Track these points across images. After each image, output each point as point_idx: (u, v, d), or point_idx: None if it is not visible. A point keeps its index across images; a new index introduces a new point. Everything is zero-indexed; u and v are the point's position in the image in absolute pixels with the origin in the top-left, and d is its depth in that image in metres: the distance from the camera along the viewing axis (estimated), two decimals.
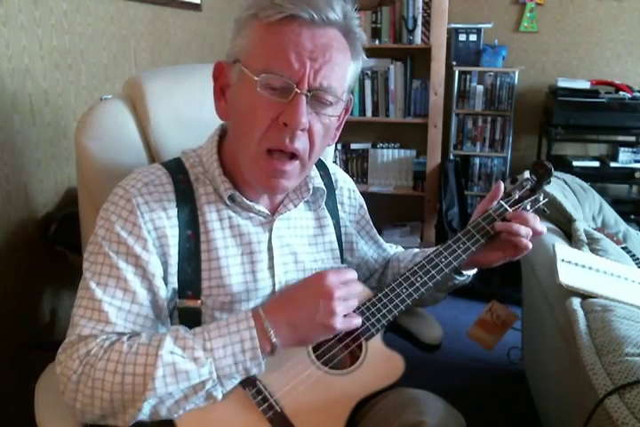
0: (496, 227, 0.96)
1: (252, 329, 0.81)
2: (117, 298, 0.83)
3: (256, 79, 0.80)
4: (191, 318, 0.89)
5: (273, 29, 0.80)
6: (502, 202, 0.99)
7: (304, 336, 0.84)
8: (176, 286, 0.88)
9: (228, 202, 0.91)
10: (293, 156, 0.84)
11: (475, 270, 1.06)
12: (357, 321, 0.85)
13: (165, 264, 0.87)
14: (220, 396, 0.82)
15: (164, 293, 0.86)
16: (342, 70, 0.84)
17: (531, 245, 0.94)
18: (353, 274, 0.87)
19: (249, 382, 0.84)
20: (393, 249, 1.21)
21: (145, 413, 0.79)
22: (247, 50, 0.83)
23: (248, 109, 0.83)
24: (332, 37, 0.81)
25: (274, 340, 0.81)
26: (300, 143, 0.83)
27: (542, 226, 0.95)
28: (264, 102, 0.81)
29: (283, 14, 0.78)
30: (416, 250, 1.16)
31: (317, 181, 1.00)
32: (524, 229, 0.93)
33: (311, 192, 0.98)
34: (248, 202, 0.92)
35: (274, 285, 0.95)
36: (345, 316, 0.84)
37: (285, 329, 0.82)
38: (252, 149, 0.84)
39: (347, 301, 0.84)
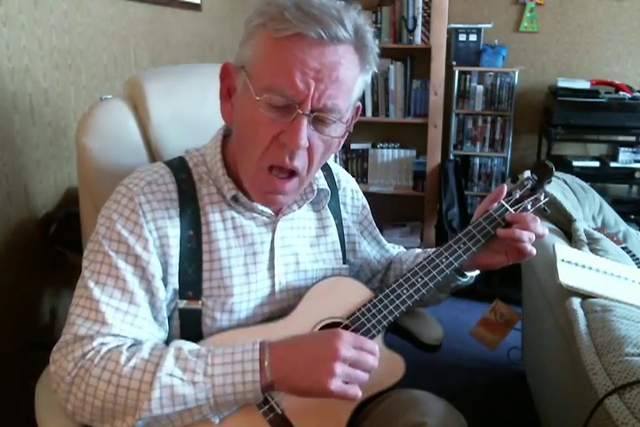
0: (498, 234, 0.95)
1: (256, 362, 0.79)
2: (115, 298, 0.83)
3: (258, 99, 0.79)
4: (191, 319, 0.89)
5: (280, 45, 0.77)
6: (503, 202, 0.98)
7: (298, 383, 0.79)
8: (177, 286, 0.88)
9: (231, 202, 0.90)
10: (292, 173, 0.84)
11: (477, 272, 1.05)
12: (355, 393, 0.78)
13: (166, 264, 0.86)
14: (216, 421, 0.80)
15: (162, 294, 0.86)
16: (349, 87, 0.82)
17: (535, 251, 0.93)
18: (373, 345, 0.82)
19: None
20: (395, 250, 1.20)
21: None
22: (253, 61, 0.81)
23: (250, 125, 0.82)
24: (341, 55, 0.79)
25: (268, 376, 0.78)
26: (300, 161, 0.83)
27: (544, 228, 0.95)
28: (266, 120, 0.80)
29: (291, 31, 0.76)
30: (418, 250, 1.16)
31: (322, 182, 1.00)
32: (526, 235, 0.92)
33: (315, 193, 0.98)
34: (251, 202, 0.91)
35: (273, 285, 0.94)
36: (347, 383, 0.78)
37: (282, 368, 0.79)
38: (252, 164, 0.84)
39: (354, 369, 0.79)
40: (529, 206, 0.99)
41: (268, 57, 0.79)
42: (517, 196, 0.99)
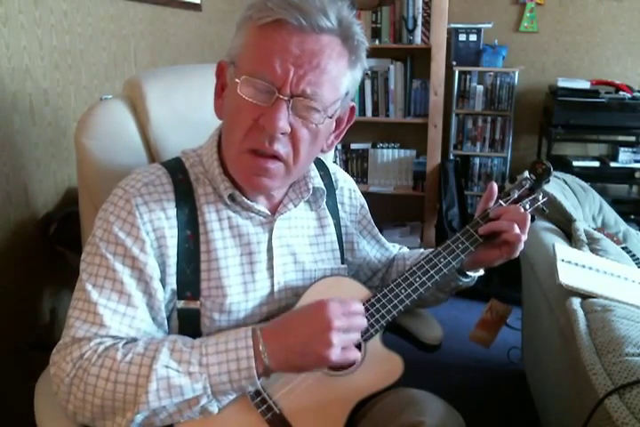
0: (480, 232, 0.95)
1: (250, 348, 0.80)
2: (113, 301, 0.83)
3: (237, 81, 0.80)
4: (190, 320, 0.89)
5: (263, 33, 0.80)
6: (501, 201, 0.98)
7: (297, 363, 0.81)
8: (175, 286, 0.88)
9: (227, 201, 0.90)
10: (275, 157, 0.84)
11: (481, 272, 1.05)
12: (355, 355, 0.82)
13: (163, 265, 0.86)
14: (215, 410, 0.81)
15: (160, 295, 0.86)
16: (333, 78, 0.82)
17: (522, 237, 0.92)
18: (358, 306, 0.85)
19: None
20: (396, 249, 1.20)
21: (138, 422, 0.78)
22: (240, 52, 0.84)
23: (234, 110, 0.84)
24: (325, 44, 0.80)
25: (266, 362, 0.79)
26: (281, 146, 0.83)
27: (523, 213, 0.94)
28: (248, 104, 0.81)
29: (272, 18, 0.78)
30: (422, 250, 1.15)
31: (317, 181, 1.00)
32: (505, 224, 0.92)
33: (311, 192, 0.98)
34: (248, 201, 0.91)
35: (272, 285, 0.94)
36: (344, 349, 0.81)
37: (279, 353, 0.80)
38: (235, 148, 0.85)
39: (347, 333, 0.81)
40: (527, 206, 0.99)
41: (251, 45, 0.81)
42: (515, 196, 0.99)
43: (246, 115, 0.82)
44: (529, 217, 0.94)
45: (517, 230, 0.92)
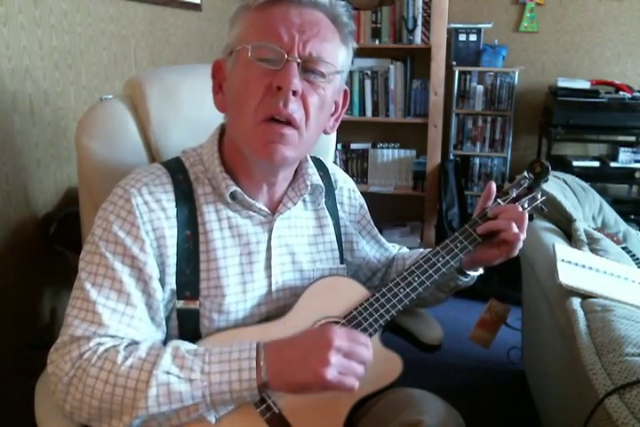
0: (478, 231, 0.95)
1: (252, 360, 0.79)
2: (112, 300, 0.83)
3: (247, 47, 0.83)
4: (189, 320, 0.89)
5: (262, 11, 0.85)
6: (500, 200, 0.98)
7: (293, 378, 0.78)
8: (174, 286, 0.88)
9: (228, 200, 0.90)
10: (289, 123, 0.85)
11: (480, 271, 1.05)
12: (352, 383, 0.78)
13: (163, 265, 0.86)
14: (213, 420, 0.80)
15: (160, 295, 0.86)
16: (332, 47, 0.87)
17: (520, 236, 0.92)
18: (366, 338, 0.83)
19: None
20: (396, 249, 1.20)
21: (135, 426, 0.78)
22: (240, 36, 0.87)
23: (243, 83, 0.85)
24: (319, 18, 0.86)
25: (262, 374, 0.78)
26: (295, 108, 0.83)
27: (521, 211, 0.94)
28: (257, 73, 0.83)
29: None
30: (421, 250, 1.15)
31: (315, 179, 1.00)
32: (503, 223, 0.93)
33: (309, 189, 0.98)
34: (249, 199, 0.91)
35: (270, 285, 0.94)
36: (342, 373, 0.78)
37: (276, 365, 0.79)
38: (249, 120, 0.84)
39: (349, 359, 0.79)
40: (526, 205, 0.99)
41: (252, 25, 0.86)
42: (514, 195, 0.99)
43: (257, 83, 0.83)
44: (527, 216, 0.94)
45: (516, 229, 0.92)
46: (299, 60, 0.83)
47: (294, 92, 0.82)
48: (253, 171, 0.92)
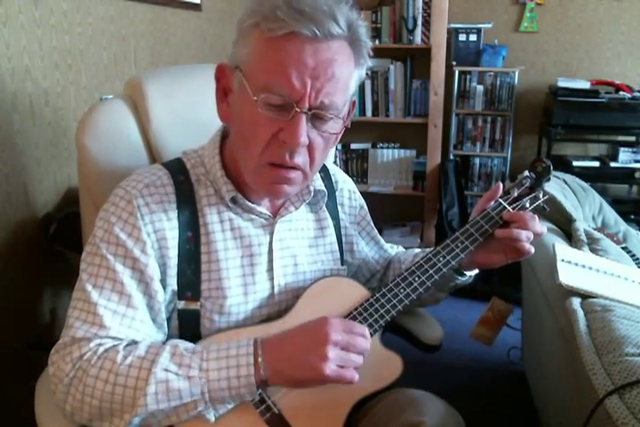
0: (496, 234, 0.94)
1: (250, 356, 0.79)
2: (113, 301, 0.83)
3: (255, 99, 0.79)
4: (190, 321, 0.89)
5: (274, 44, 0.77)
6: (501, 200, 0.97)
7: (292, 374, 0.79)
8: (175, 287, 0.88)
9: (229, 203, 0.90)
10: (294, 168, 0.84)
11: (476, 271, 1.05)
12: (352, 376, 0.79)
13: (164, 266, 0.86)
14: (212, 419, 0.80)
15: (161, 296, 0.86)
16: (345, 83, 0.82)
17: (533, 250, 0.93)
18: (362, 328, 0.84)
19: None
20: (394, 250, 1.20)
21: (135, 424, 0.78)
22: (248, 60, 0.81)
23: (249, 123, 0.82)
24: (335, 51, 0.79)
25: (262, 372, 0.79)
26: (301, 158, 0.83)
27: (542, 227, 0.94)
28: (264, 119, 0.80)
29: (285, 30, 0.76)
30: (417, 250, 1.15)
31: (318, 184, 1.00)
32: (524, 234, 0.91)
33: (312, 194, 0.98)
34: (250, 204, 0.91)
35: (272, 288, 0.94)
36: (341, 367, 0.79)
37: (275, 362, 0.79)
38: (253, 161, 0.84)
39: (347, 351, 0.80)
40: (527, 204, 0.98)
41: (263, 56, 0.79)
42: (515, 194, 0.98)
43: (264, 130, 0.80)
44: (545, 230, 0.94)
45: (530, 245, 0.92)
46: (308, 112, 0.79)
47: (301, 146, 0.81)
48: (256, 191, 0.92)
